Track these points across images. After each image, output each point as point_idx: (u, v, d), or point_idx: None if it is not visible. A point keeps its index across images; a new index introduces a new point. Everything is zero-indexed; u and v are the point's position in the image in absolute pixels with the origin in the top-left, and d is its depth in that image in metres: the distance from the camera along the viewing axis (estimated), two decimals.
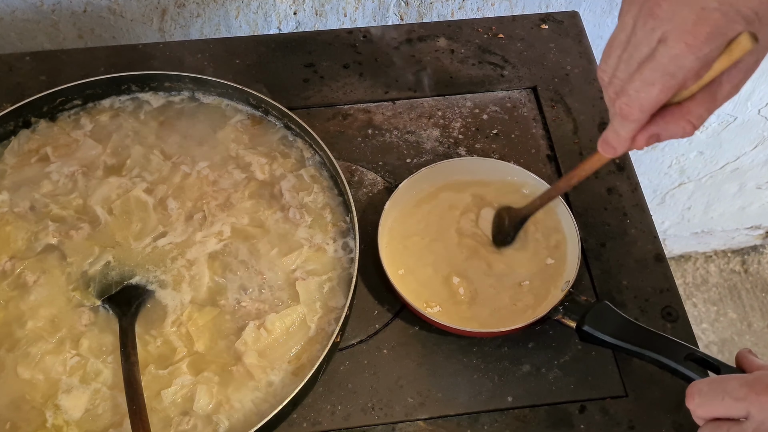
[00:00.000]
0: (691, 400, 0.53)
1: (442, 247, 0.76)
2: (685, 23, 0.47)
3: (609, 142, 0.57)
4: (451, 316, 0.72)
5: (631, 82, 0.51)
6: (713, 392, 0.52)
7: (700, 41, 0.47)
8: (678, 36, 0.48)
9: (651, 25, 0.49)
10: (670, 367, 0.63)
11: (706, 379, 0.54)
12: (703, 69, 0.49)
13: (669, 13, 0.48)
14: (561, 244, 0.76)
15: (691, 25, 0.47)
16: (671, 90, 0.50)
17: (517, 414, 0.70)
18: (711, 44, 0.47)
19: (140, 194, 0.76)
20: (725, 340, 1.72)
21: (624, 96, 0.52)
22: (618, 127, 0.54)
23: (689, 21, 0.47)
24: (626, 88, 0.51)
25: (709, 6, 0.47)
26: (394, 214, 0.77)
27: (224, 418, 0.65)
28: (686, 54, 0.48)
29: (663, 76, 0.49)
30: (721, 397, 0.51)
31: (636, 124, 0.53)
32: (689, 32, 0.47)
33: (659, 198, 1.63)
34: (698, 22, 0.47)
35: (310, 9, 1.03)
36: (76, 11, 0.95)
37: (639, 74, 0.50)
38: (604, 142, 0.57)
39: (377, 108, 0.90)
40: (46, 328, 0.68)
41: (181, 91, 0.84)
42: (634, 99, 0.51)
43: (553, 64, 0.94)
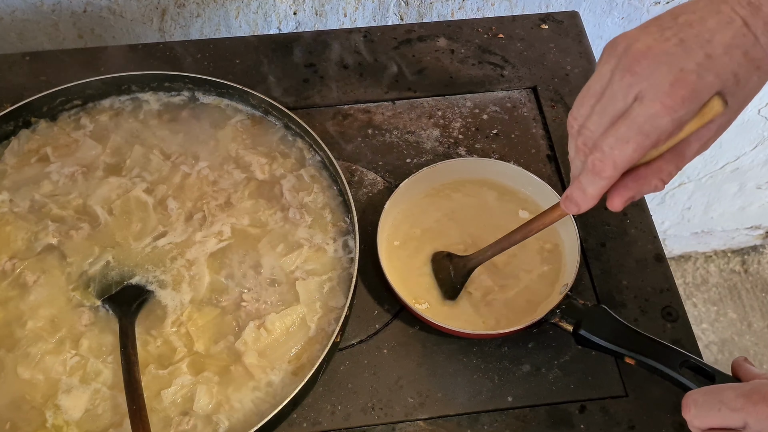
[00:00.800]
0: (687, 410, 0.53)
1: (442, 247, 0.76)
2: (662, 83, 0.47)
3: (574, 199, 0.55)
4: (450, 318, 0.72)
5: (604, 138, 0.50)
6: (709, 403, 0.52)
7: (676, 103, 0.47)
8: (654, 96, 0.47)
9: (628, 80, 0.48)
10: (666, 374, 0.63)
11: (702, 389, 0.53)
12: (677, 130, 0.49)
13: (647, 70, 0.48)
14: (561, 246, 0.76)
15: (668, 86, 0.47)
16: (645, 149, 0.49)
17: (517, 414, 0.70)
18: (687, 107, 0.47)
19: (140, 194, 0.76)
20: (725, 340, 1.72)
21: (597, 152, 0.51)
22: (586, 184, 0.53)
23: (667, 81, 0.47)
24: (599, 144, 0.50)
25: (687, 68, 0.47)
26: (394, 214, 0.77)
27: (224, 418, 0.65)
28: (662, 115, 0.47)
29: (638, 135, 0.48)
30: (718, 408, 0.51)
31: (607, 181, 0.52)
32: (666, 93, 0.47)
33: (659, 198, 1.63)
34: (675, 83, 0.47)
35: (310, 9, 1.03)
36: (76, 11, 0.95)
37: (614, 130, 0.49)
38: (568, 200, 0.56)
39: (377, 108, 0.90)
40: (46, 328, 0.68)
41: (181, 91, 0.84)
42: (608, 156, 0.50)
43: (553, 64, 0.94)
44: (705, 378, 0.61)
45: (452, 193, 0.79)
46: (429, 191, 0.79)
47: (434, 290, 0.74)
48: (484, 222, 0.78)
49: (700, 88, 0.47)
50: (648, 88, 0.47)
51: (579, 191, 0.54)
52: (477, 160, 0.83)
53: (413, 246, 0.76)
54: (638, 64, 0.48)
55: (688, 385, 0.61)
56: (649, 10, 1.14)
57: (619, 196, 0.53)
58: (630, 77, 0.48)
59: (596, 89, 0.51)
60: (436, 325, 0.70)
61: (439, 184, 0.80)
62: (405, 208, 0.78)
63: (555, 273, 0.75)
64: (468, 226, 0.78)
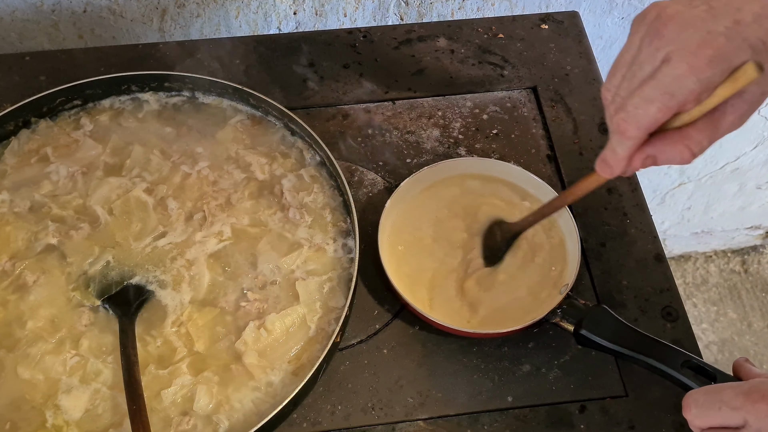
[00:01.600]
0: (687, 410, 0.53)
1: (442, 247, 0.76)
2: (689, 45, 0.47)
3: (606, 161, 0.56)
4: (450, 317, 0.72)
5: (630, 99, 0.51)
6: (710, 402, 0.52)
7: (702, 63, 0.47)
8: (681, 57, 0.47)
9: (656, 44, 0.49)
10: (667, 373, 0.63)
11: (702, 388, 0.54)
12: (704, 93, 0.48)
13: (675, 33, 0.48)
14: (561, 246, 0.76)
15: (695, 46, 0.47)
16: (670, 110, 0.49)
17: (517, 414, 0.70)
18: (713, 68, 0.47)
19: (140, 194, 0.76)
20: (725, 340, 1.72)
21: (622, 112, 0.51)
22: (615, 145, 0.54)
23: (694, 43, 0.47)
24: (625, 104, 0.51)
25: (715, 30, 0.47)
26: (394, 215, 0.77)
27: (224, 418, 0.65)
28: (688, 75, 0.47)
29: (663, 95, 0.49)
30: (718, 407, 0.51)
31: (633, 141, 0.52)
32: (693, 53, 0.47)
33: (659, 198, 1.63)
34: (702, 44, 0.47)
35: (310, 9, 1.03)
36: (76, 11, 0.95)
37: (640, 91, 0.50)
38: (602, 161, 0.56)
39: (377, 108, 0.90)
40: (46, 328, 0.68)
41: (181, 91, 0.84)
42: (632, 115, 0.51)
43: (553, 64, 0.94)
44: (706, 378, 0.61)
45: (452, 192, 0.79)
46: (429, 191, 0.79)
47: (435, 290, 0.74)
48: (484, 219, 0.78)
49: (729, 51, 0.47)
50: (675, 50, 0.48)
51: (610, 152, 0.55)
52: (477, 160, 0.83)
53: (413, 245, 0.76)
54: (666, 28, 0.48)
55: (689, 385, 0.61)
56: None
57: (640, 152, 0.53)
58: (658, 41, 0.49)
59: (626, 58, 0.52)
60: (437, 324, 0.70)
61: (440, 184, 0.80)
62: (405, 208, 0.78)
63: (555, 273, 0.75)
64: (466, 223, 0.77)
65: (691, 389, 0.61)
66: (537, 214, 0.71)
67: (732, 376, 0.59)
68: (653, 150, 0.53)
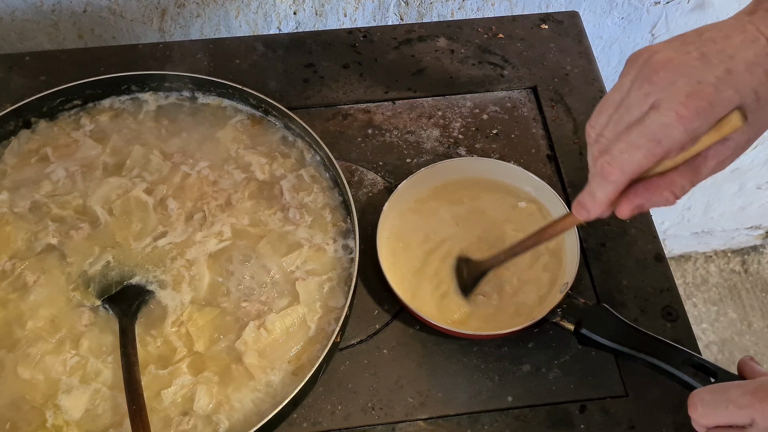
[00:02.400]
0: (693, 409, 0.53)
1: (442, 247, 0.76)
2: (679, 94, 0.47)
3: (584, 204, 0.55)
4: (450, 318, 0.72)
5: (616, 143, 0.50)
6: (716, 401, 0.52)
7: (691, 114, 0.47)
8: (670, 105, 0.47)
9: (646, 90, 0.49)
10: (668, 371, 0.63)
11: (708, 387, 0.53)
12: (690, 142, 0.48)
13: (665, 81, 0.48)
14: (560, 246, 0.76)
15: (685, 96, 0.47)
16: (655, 157, 0.49)
17: (517, 414, 0.70)
18: (701, 119, 0.47)
19: (140, 194, 0.76)
20: (725, 340, 1.72)
21: (607, 155, 0.51)
22: (595, 189, 0.53)
23: (683, 92, 0.47)
24: (610, 148, 0.51)
25: (706, 80, 0.47)
26: (394, 215, 0.77)
27: (224, 418, 0.65)
28: (676, 124, 0.47)
29: (649, 142, 0.48)
30: (725, 406, 0.51)
31: (614, 186, 0.52)
32: (682, 103, 0.47)
33: None
34: (692, 94, 0.47)
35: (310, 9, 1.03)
36: (76, 11, 0.95)
37: (626, 135, 0.50)
38: (579, 204, 0.55)
39: (377, 108, 0.90)
40: (46, 328, 0.68)
41: (181, 91, 0.84)
42: (616, 159, 0.50)
43: (553, 64, 0.94)
44: (708, 375, 0.61)
45: (452, 192, 0.79)
46: (429, 191, 0.79)
47: (434, 290, 0.74)
48: (484, 219, 0.78)
49: (718, 101, 0.47)
50: (664, 98, 0.48)
51: (589, 196, 0.54)
52: (477, 160, 0.83)
53: (413, 246, 0.76)
54: (656, 75, 0.48)
55: (691, 383, 0.61)
56: (649, 10, 1.14)
57: (628, 202, 0.53)
58: (648, 86, 0.49)
59: (615, 99, 0.51)
60: (436, 326, 0.70)
61: (439, 184, 0.80)
62: (405, 208, 0.78)
63: (555, 273, 0.75)
64: (467, 224, 0.78)
65: (692, 387, 0.61)
66: (508, 252, 0.69)
67: (733, 374, 0.59)
68: (641, 199, 0.52)
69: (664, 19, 1.16)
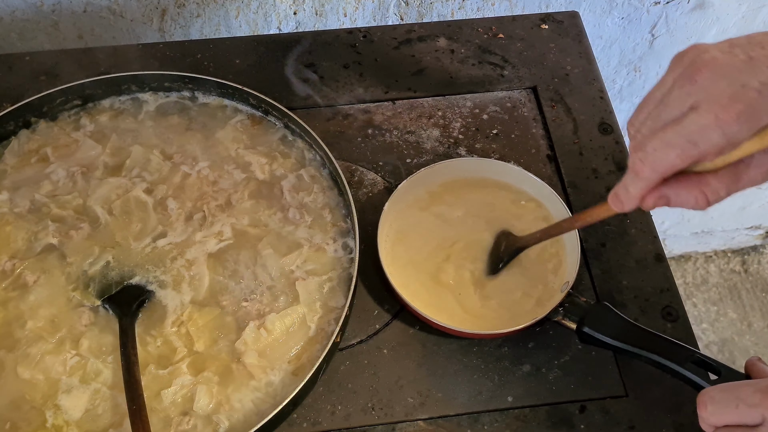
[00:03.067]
0: (703, 408, 0.52)
1: (443, 247, 0.76)
2: (720, 96, 0.46)
3: (618, 196, 0.54)
4: (450, 317, 0.72)
5: (650, 140, 0.49)
6: (726, 399, 0.51)
7: (731, 118, 0.45)
8: (710, 107, 0.46)
9: (687, 89, 0.47)
10: (671, 369, 0.63)
11: (718, 386, 0.53)
12: (728, 147, 0.47)
13: (708, 81, 0.46)
14: (561, 245, 0.76)
15: (727, 99, 0.45)
16: (689, 159, 0.48)
17: (517, 414, 0.70)
18: (741, 124, 0.45)
19: (140, 194, 0.76)
20: (725, 340, 1.72)
21: (640, 151, 0.50)
22: (628, 183, 0.53)
23: (725, 95, 0.45)
24: (645, 144, 0.50)
25: (750, 85, 0.45)
26: (394, 215, 0.77)
27: (224, 418, 0.65)
28: (714, 127, 0.46)
29: (685, 143, 0.47)
30: (735, 404, 0.51)
31: (645, 183, 0.51)
32: (722, 106, 0.45)
33: None
34: (734, 98, 0.45)
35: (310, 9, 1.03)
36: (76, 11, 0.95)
37: (662, 134, 0.48)
38: (614, 196, 0.55)
39: (377, 108, 0.90)
40: (46, 328, 0.68)
41: (181, 91, 0.84)
42: (649, 156, 0.49)
43: (553, 64, 0.94)
44: (711, 372, 0.61)
45: (452, 192, 0.79)
46: (429, 191, 0.79)
47: (435, 290, 0.74)
48: (484, 219, 0.78)
49: (760, 107, 0.45)
50: (705, 99, 0.46)
51: (623, 189, 0.54)
52: (477, 160, 0.83)
53: (413, 245, 0.76)
54: (700, 74, 0.47)
55: (694, 380, 0.61)
56: (649, 10, 1.14)
57: (654, 191, 0.52)
58: (689, 86, 0.47)
59: (656, 96, 0.51)
60: (437, 325, 0.70)
61: (440, 184, 0.80)
62: (405, 208, 0.78)
63: (555, 272, 0.75)
64: (467, 223, 0.78)
65: (695, 384, 0.61)
66: (544, 232, 0.70)
67: (737, 371, 0.59)
68: (668, 191, 0.51)
69: (664, 19, 1.16)
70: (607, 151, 0.87)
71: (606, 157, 0.86)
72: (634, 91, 1.30)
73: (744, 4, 1.16)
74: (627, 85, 1.29)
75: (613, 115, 0.90)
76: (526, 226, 0.76)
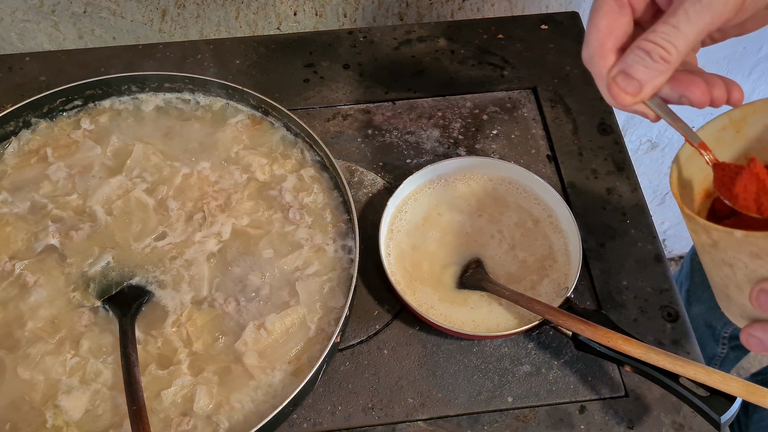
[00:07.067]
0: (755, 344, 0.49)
1: (443, 247, 0.76)
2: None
3: (636, 74, 0.49)
4: (450, 318, 0.72)
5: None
6: None
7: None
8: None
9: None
10: (664, 382, 0.63)
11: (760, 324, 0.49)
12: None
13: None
14: (563, 249, 0.76)
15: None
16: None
17: (517, 414, 0.70)
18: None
19: (140, 195, 0.76)
20: None
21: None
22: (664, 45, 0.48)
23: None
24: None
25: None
26: (394, 214, 0.77)
27: (224, 418, 0.65)
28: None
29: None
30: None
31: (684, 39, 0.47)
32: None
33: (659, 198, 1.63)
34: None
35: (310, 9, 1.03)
36: (76, 12, 0.95)
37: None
38: (626, 76, 0.49)
39: (377, 108, 0.90)
40: (45, 329, 0.68)
41: (181, 91, 0.84)
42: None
43: (553, 65, 0.94)
44: (704, 389, 0.61)
45: (452, 193, 0.79)
46: (429, 191, 0.79)
47: (435, 290, 0.74)
48: (484, 219, 0.78)
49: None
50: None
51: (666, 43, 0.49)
52: (477, 160, 0.83)
53: (413, 246, 0.76)
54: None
55: (688, 396, 0.61)
56: None
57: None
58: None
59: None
60: (437, 325, 0.70)
61: (440, 184, 0.80)
62: (405, 209, 0.78)
63: (556, 275, 0.75)
64: (468, 223, 0.78)
65: (688, 400, 0.61)
66: (514, 295, 0.69)
67: None
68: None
69: None
70: (606, 152, 0.87)
71: (606, 157, 0.86)
72: None
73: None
74: None
75: (612, 116, 0.90)
76: (524, 224, 0.76)
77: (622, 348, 0.63)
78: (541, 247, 0.76)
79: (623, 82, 0.49)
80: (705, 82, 0.50)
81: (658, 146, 1.45)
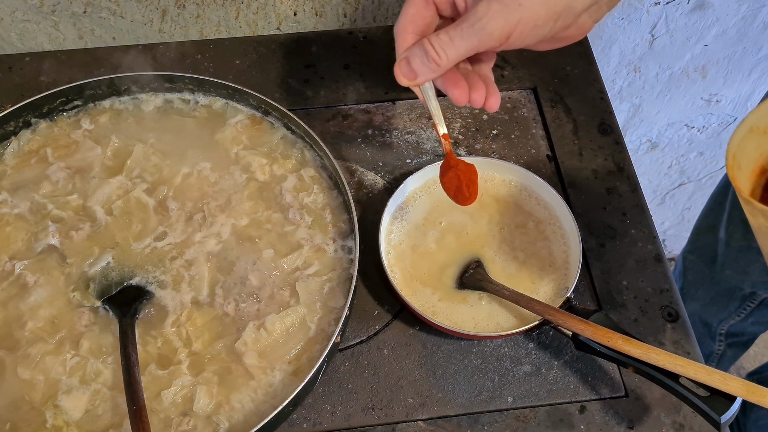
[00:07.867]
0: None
1: (443, 247, 0.76)
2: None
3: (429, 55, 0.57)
4: (450, 317, 0.72)
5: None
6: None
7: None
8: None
9: None
10: (664, 382, 0.62)
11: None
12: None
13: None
14: (563, 249, 0.76)
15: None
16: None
17: (517, 414, 0.70)
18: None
19: (140, 195, 0.76)
20: None
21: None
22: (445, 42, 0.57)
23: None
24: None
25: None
26: (394, 214, 0.77)
27: (224, 418, 0.65)
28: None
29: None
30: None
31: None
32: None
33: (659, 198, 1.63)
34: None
35: (310, 9, 1.03)
36: (76, 12, 0.95)
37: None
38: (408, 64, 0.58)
39: (377, 108, 0.90)
40: (46, 329, 0.68)
41: (181, 91, 0.84)
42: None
43: (553, 65, 0.94)
44: (705, 389, 0.60)
45: None
46: (429, 191, 0.79)
47: (435, 290, 0.74)
48: (484, 219, 0.78)
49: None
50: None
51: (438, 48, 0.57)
52: (477, 160, 0.83)
53: (413, 245, 0.76)
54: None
55: (688, 396, 0.61)
56: (649, 11, 1.14)
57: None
58: None
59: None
60: (437, 325, 0.70)
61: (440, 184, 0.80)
62: (405, 209, 0.78)
63: (556, 276, 0.75)
64: (468, 223, 0.78)
65: (689, 400, 0.61)
66: (514, 295, 0.70)
67: None
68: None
69: (664, 19, 1.16)
70: (606, 152, 0.87)
71: (606, 157, 0.86)
72: (634, 92, 1.30)
73: (744, 5, 1.16)
74: (627, 86, 1.29)
75: (612, 116, 0.90)
76: (524, 224, 0.76)
77: (623, 348, 0.63)
78: (541, 248, 0.76)
79: (405, 68, 0.58)
80: (468, 85, 0.61)
81: (658, 146, 1.46)
